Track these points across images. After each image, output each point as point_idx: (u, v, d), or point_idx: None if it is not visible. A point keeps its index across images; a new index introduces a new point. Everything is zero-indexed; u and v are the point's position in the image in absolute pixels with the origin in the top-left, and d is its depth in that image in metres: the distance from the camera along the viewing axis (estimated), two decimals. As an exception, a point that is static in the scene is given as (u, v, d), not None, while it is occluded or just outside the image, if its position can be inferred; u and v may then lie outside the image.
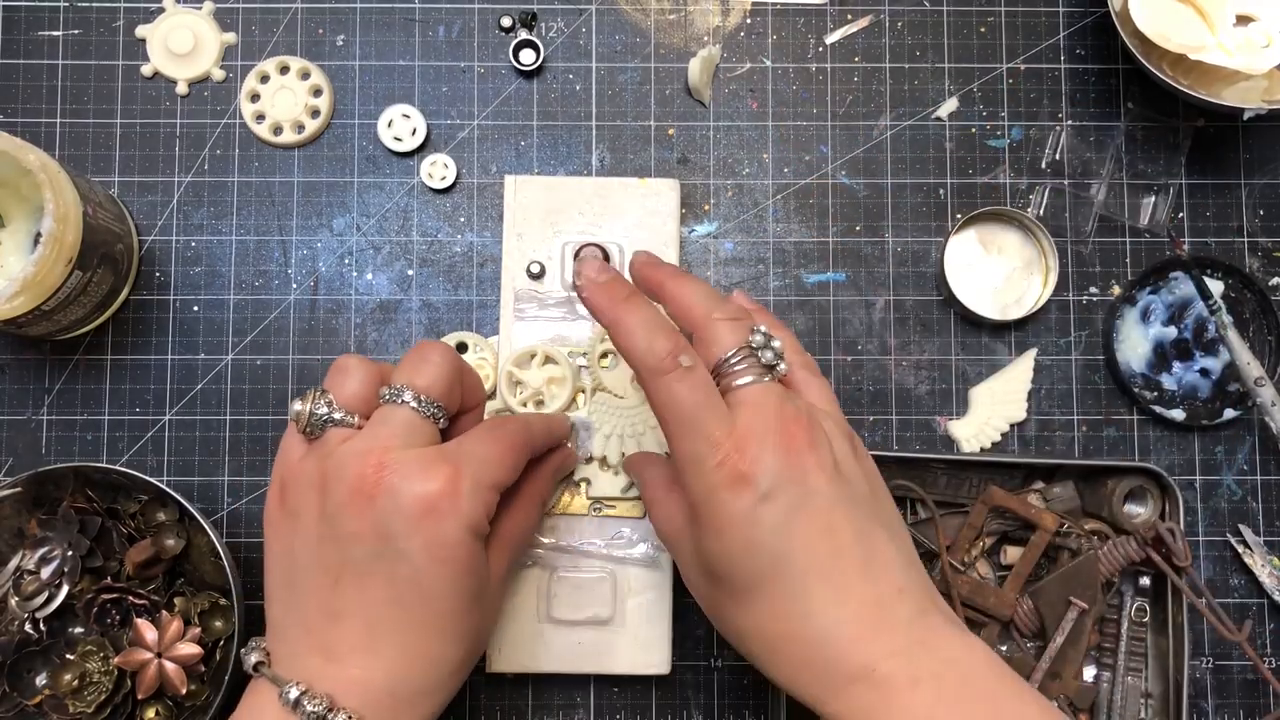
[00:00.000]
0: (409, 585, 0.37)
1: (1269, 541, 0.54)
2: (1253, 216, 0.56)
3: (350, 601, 0.37)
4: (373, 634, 0.37)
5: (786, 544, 0.36)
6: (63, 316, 0.49)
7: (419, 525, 0.37)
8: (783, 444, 0.37)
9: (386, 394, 0.40)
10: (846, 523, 0.37)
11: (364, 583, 0.37)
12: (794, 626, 0.37)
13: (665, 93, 0.56)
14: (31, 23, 0.55)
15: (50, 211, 0.45)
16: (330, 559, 0.38)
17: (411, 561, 0.37)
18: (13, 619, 0.49)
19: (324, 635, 0.38)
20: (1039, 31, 0.56)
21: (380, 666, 0.37)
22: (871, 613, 0.36)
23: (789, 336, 0.42)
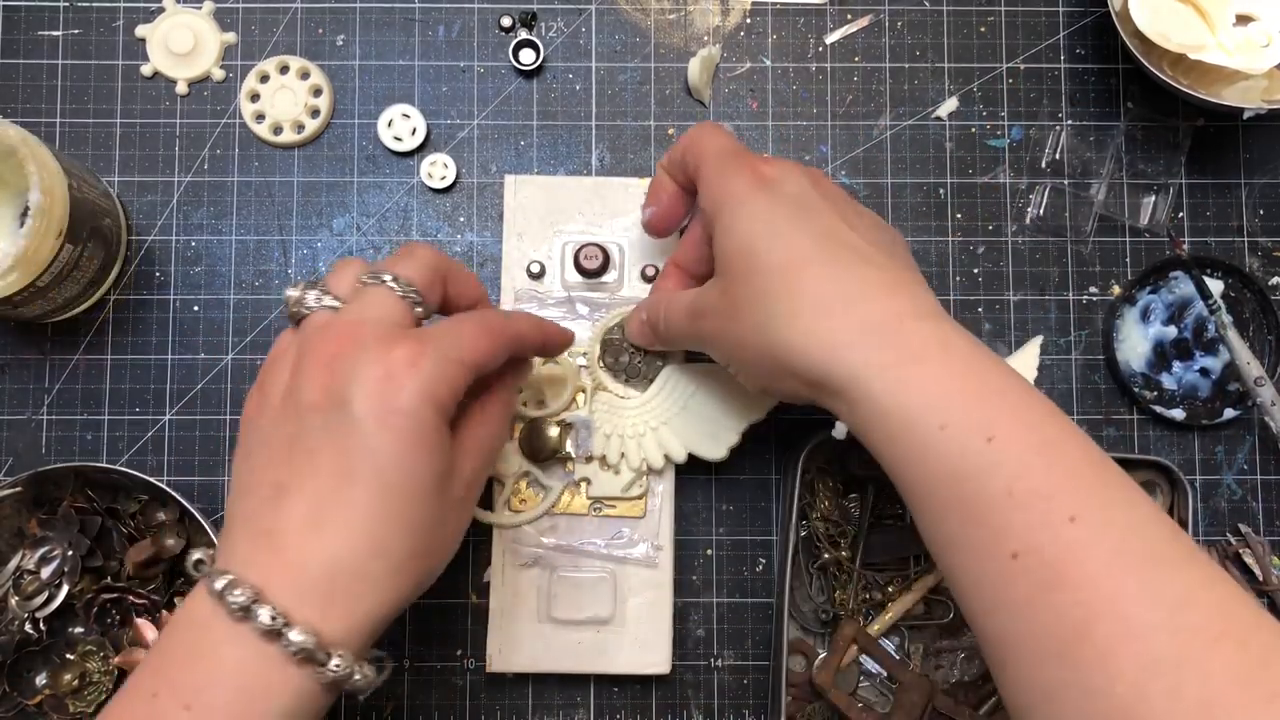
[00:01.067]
0: (360, 455, 0.35)
1: (1269, 541, 0.54)
2: (1253, 216, 0.56)
3: (298, 475, 0.35)
4: (318, 510, 0.35)
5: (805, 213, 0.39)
6: (57, 294, 0.49)
7: (374, 390, 0.35)
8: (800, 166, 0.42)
9: (365, 278, 0.38)
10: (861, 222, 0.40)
11: (314, 455, 0.35)
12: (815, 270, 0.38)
13: (665, 93, 0.56)
14: (31, 22, 0.55)
15: (36, 184, 0.45)
16: (288, 432, 0.36)
17: (363, 427, 0.35)
18: (13, 619, 0.49)
19: (269, 516, 0.35)
20: (1039, 31, 0.56)
21: (320, 548, 0.34)
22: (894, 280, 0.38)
23: None
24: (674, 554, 0.51)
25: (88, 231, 0.49)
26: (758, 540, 0.54)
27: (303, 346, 0.37)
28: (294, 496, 0.35)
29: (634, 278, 0.51)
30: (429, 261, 0.40)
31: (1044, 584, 0.32)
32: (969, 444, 0.34)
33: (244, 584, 0.34)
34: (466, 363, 0.37)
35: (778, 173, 0.40)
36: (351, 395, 0.35)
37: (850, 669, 0.51)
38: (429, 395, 0.35)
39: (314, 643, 0.34)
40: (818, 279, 0.38)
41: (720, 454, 0.49)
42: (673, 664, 0.50)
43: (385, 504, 0.35)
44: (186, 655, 0.34)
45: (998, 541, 0.33)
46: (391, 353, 0.35)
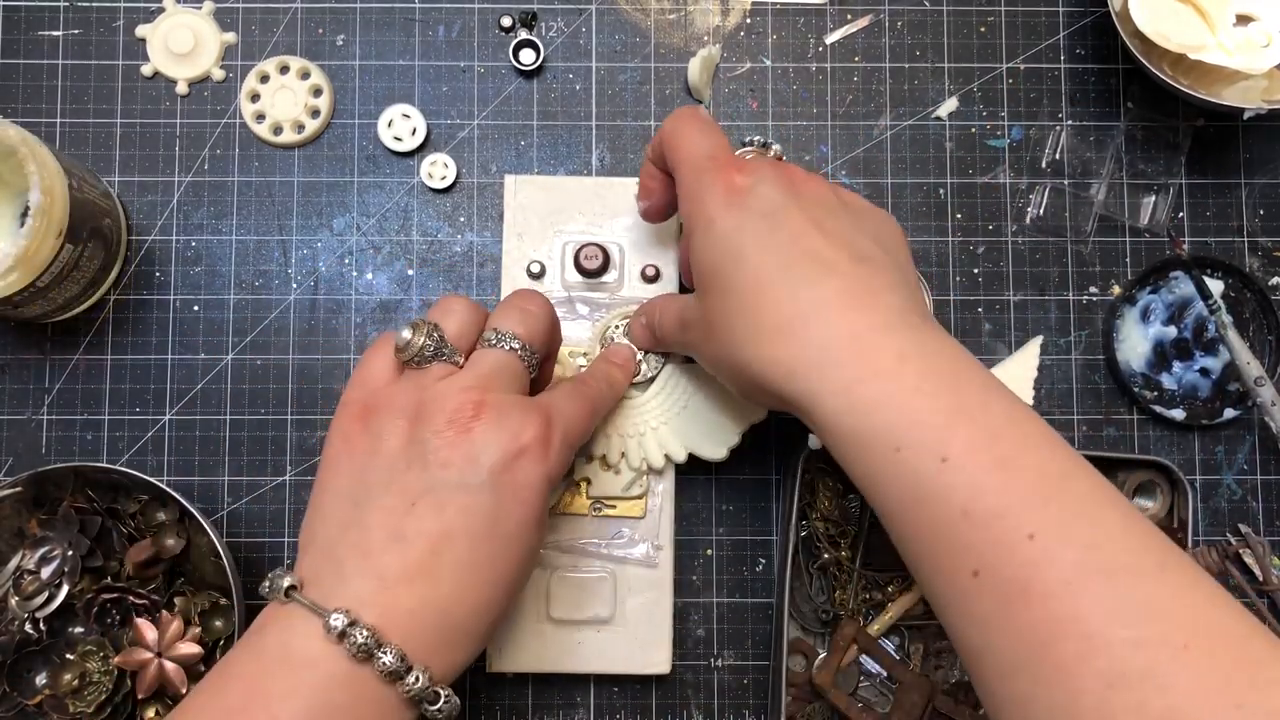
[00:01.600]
0: (486, 520, 0.37)
1: (1269, 541, 0.54)
2: (1253, 216, 0.56)
3: (422, 526, 0.36)
4: (436, 562, 0.36)
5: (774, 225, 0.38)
6: (57, 294, 0.49)
7: (510, 464, 0.37)
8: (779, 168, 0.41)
9: (493, 337, 0.41)
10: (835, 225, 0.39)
11: (442, 510, 0.37)
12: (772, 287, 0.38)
13: (665, 93, 0.56)
14: (31, 23, 0.55)
15: (36, 184, 0.45)
16: (411, 483, 0.37)
17: (496, 496, 0.37)
18: (13, 619, 0.49)
19: (383, 558, 0.36)
20: (1039, 31, 0.56)
21: (434, 599, 0.36)
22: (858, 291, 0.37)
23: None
24: (674, 554, 0.51)
25: (88, 231, 0.49)
26: (758, 540, 0.54)
27: (430, 402, 0.39)
28: (415, 545, 0.36)
29: (634, 278, 0.51)
30: (543, 319, 0.42)
31: (1006, 600, 0.32)
32: (923, 466, 0.34)
33: (364, 625, 0.35)
34: (577, 444, 0.41)
35: (751, 181, 0.40)
36: (486, 464, 0.37)
37: (850, 669, 0.51)
38: (552, 477, 0.39)
39: (428, 687, 0.36)
40: (776, 301, 0.37)
41: (720, 454, 0.49)
42: (673, 664, 0.50)
43: (500, 568, 0.38)
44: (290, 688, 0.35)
45: (959, 560, 0.33)
46: (525, 431, 0.38)
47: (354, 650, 0.34)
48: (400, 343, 0.40)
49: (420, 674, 0.35)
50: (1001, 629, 0.32)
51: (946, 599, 0.34)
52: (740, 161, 0.41)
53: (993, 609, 0.33)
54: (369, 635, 0.34)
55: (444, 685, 0.37)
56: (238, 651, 0.36)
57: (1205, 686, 0.30)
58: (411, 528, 0.37)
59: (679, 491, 0.52)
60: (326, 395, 0.54)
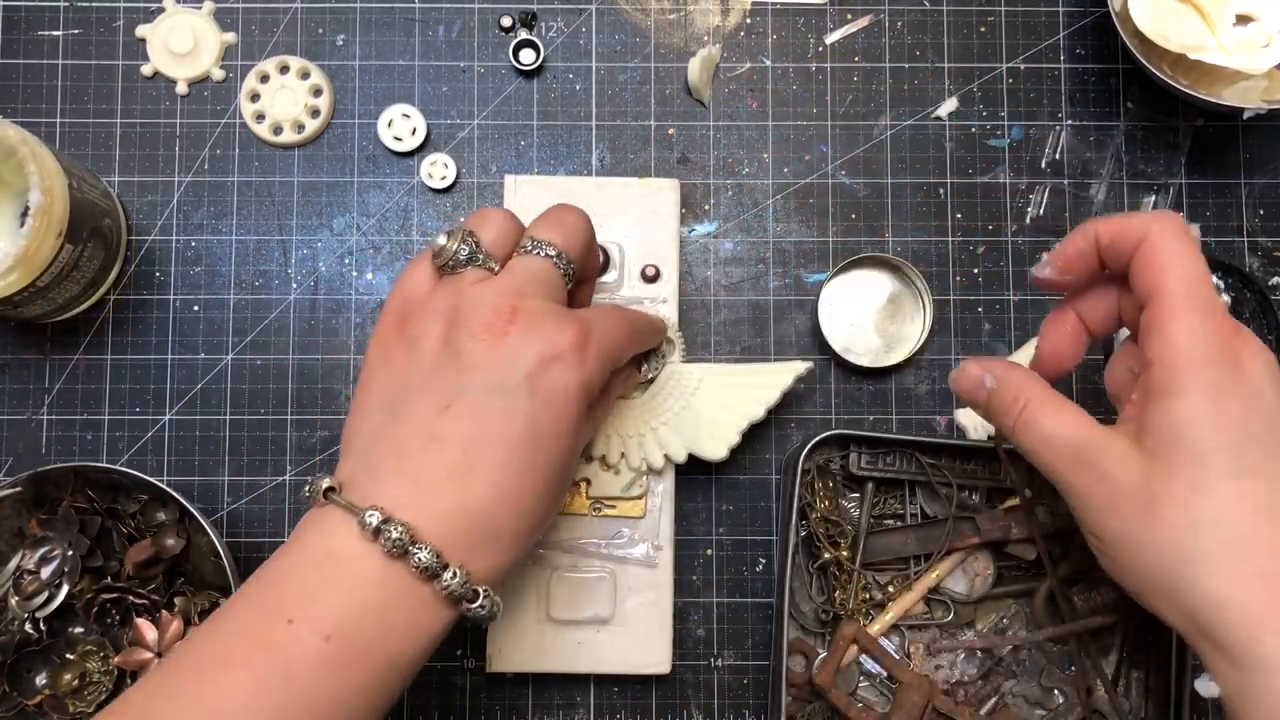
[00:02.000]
0: (521, 421, 0.37)
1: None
2: (1253, 216, 0.56)
3: (457, 428, 0.37)
4: (470, 464, 0.36)
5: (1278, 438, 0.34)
6: (57, 294, 0.49)
7: (545, 368, 0.37)
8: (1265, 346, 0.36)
9: (529, 245, 0.41)
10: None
11: (476, 412, 0.37)
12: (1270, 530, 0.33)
13: (665, 93, 0.56)
14: (31, 23, 0.55)
15: (36, 184, 0.45)
16: (446, 386, 0.37)
17: (531, 400, 0.37)
18: (13, 619, 0.49)
19: (418, 460, 0.36)
20: (1039, 31, 0.56)
21: (469, 500, 0.36)
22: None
23: None
24: (674, 554, 0.51)
25: (88, 231, 0.49)
26: (758, 540, 0.54)
27: (465, 306, 0.39)
28: (449, 448, 0.37)
29: (634, 277, 0.51)
30: (581, 231, 0.42)
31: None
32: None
33: (398, 522, 0.35)
34: (614, 359, 0.41)
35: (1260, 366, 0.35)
36: (521, 369, 0.37)
37: (850, 669, 0.51)
38: (588, 384, 0.39)
39: (466, 584, 0.36)
40: (1270, 548, 0.33)
41: (720, 454, 0.49)
42: (673, 664, 0.50)
43: (537, 471, 0.37)
44: (326, 584, 0.35)
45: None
46: (560, 337, 0.38)
47: (389, 547, 0.35)
48: (436, 248, 0.40)
49: (456, 571, 0.35)
50: None
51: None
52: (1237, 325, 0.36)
53: None
54: (403, 531, 0.35)
55: (483, 585, 0.37)
56: (275, 556, 0.37)
57: None
58: (446, 429, 0.37)
59: (679, 491, 0.52)
60: (326, 395, 0.54)
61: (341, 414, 0.54)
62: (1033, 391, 0.39)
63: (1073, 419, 0.37)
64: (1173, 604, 0.35)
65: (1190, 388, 0.34)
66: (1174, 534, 0.34)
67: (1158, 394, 0.35)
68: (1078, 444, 0.37)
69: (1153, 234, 0.36)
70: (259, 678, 0.33)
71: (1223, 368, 0.34)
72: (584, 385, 0.38)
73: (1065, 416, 0.38)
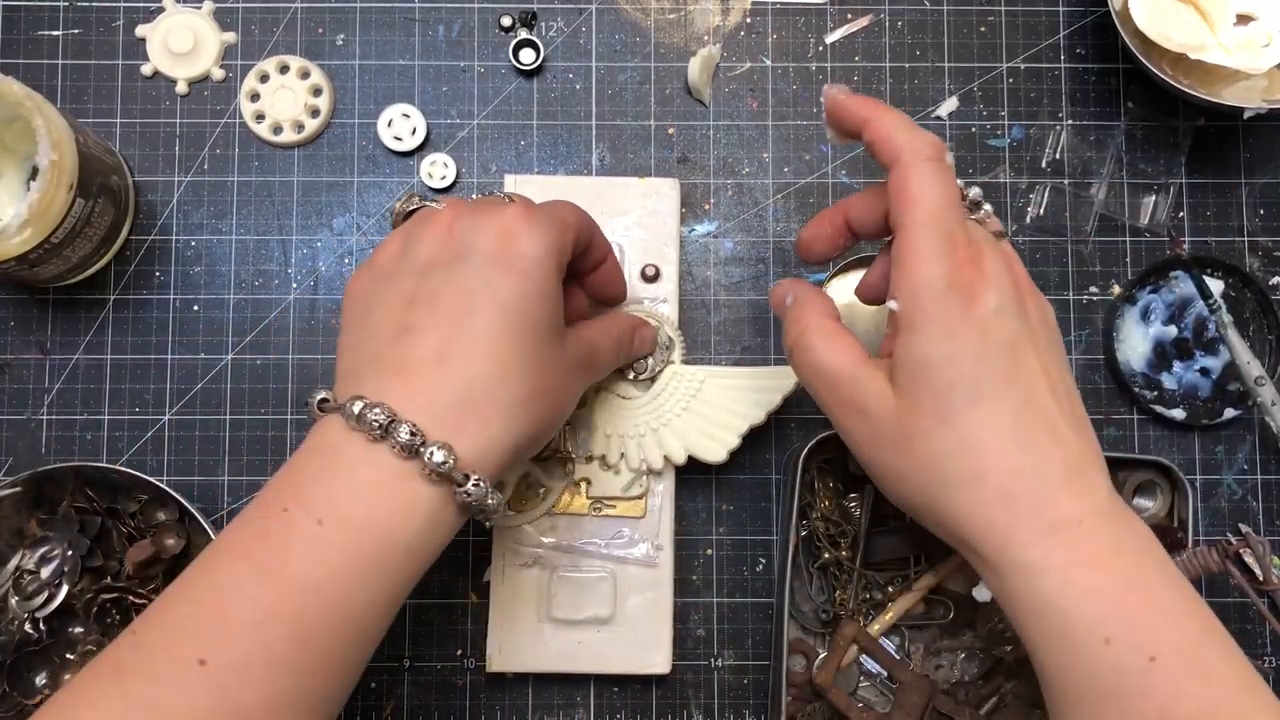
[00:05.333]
0: (484, 293, 0.37)
1: (1269, 541, 0.54)
2: (1253, 216, 0.56)
3: (424, 315, 0.37)
4: (445, 344, 0.37)
5: (1012, 363, 0.36)
6: (71, 252, 0.49)
7: (494, 241, 0.38)
8: (1012, 272, 0.38)
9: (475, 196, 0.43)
10: (1057, 370, 0.38)
11: (438, 296, 0.38)
12: (1009, 453, 0.36)
13: (665, 92, 0.56)
14: (31, 22, 0.55)
15: (45, 137, 0.45)
16: (406, 286, 0.38)
17: (489, 272, 0.37)
18: (13, 619, 0.49)
19: (394, 352, 0.37)
20: (1039, 31, 0.56)
21: (450, 375, 0.37)
22: (1078, 466, 0.36)
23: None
24: (674, 554, 0.51)
25: (97, 187, 0.49)
26: (758, 540, 0.54)
27: (411, 225, 0.40)
28: (420, 334, 0.37)
29: (634, 278, 0.51)
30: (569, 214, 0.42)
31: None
32: (1131, 662, 0.34)
33: (380, 405, 0.35)
34: (570, 225, 0.41)
35: (994, 293, 0.36)
36: (471, 247, 0.38)
37: (850, 669, 0.51)
38: (545, 244, 0.38)
39: (451, 460, 0.35)
40: (1011, 466, 0.36)
41: (720, 456, 0.49)
42: (673, 664, 0.50)
43: (509, 335, 0.37)
44: (319, 473, 0.36)
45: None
46: (503, 215, 0.39)
47: (370, 431, 0.35)
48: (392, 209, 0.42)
49: (436, 449, 0.35)
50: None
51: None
52: (977, 254, 0.37)
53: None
54: (382, 413, 0.35)
55: (475, 471, 0.36)
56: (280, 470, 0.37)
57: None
58: (414, 319, 0.37)
59: (679, 491, 0.52)
60: (326, 395, 0.54)
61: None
62: (815, 320, 0.40)
63: (843, 353, 0.39)
64: (937, 524, 0.38)
65: (925, 324, 0.36)
66: (925, 464, 0.37)
67: (901, 330, 0.37)
68: (843, 378, 0.39)
69: (901, 163, 0.37)
70: (258, 563, 0.34)
71: (957, 301, 0.36)
72: (540, 244, 0.38)
73: (836, 350, 0.39)
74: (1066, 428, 0.37)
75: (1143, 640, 0.34)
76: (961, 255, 0.37)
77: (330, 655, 0.35)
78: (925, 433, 0.36)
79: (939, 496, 0.37)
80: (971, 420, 0.36)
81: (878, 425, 0.38)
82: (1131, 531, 0.36)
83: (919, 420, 0.37)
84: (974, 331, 0.36)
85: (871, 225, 0.42)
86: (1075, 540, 0.35)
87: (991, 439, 0.36)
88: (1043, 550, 0.35)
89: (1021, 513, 0.36)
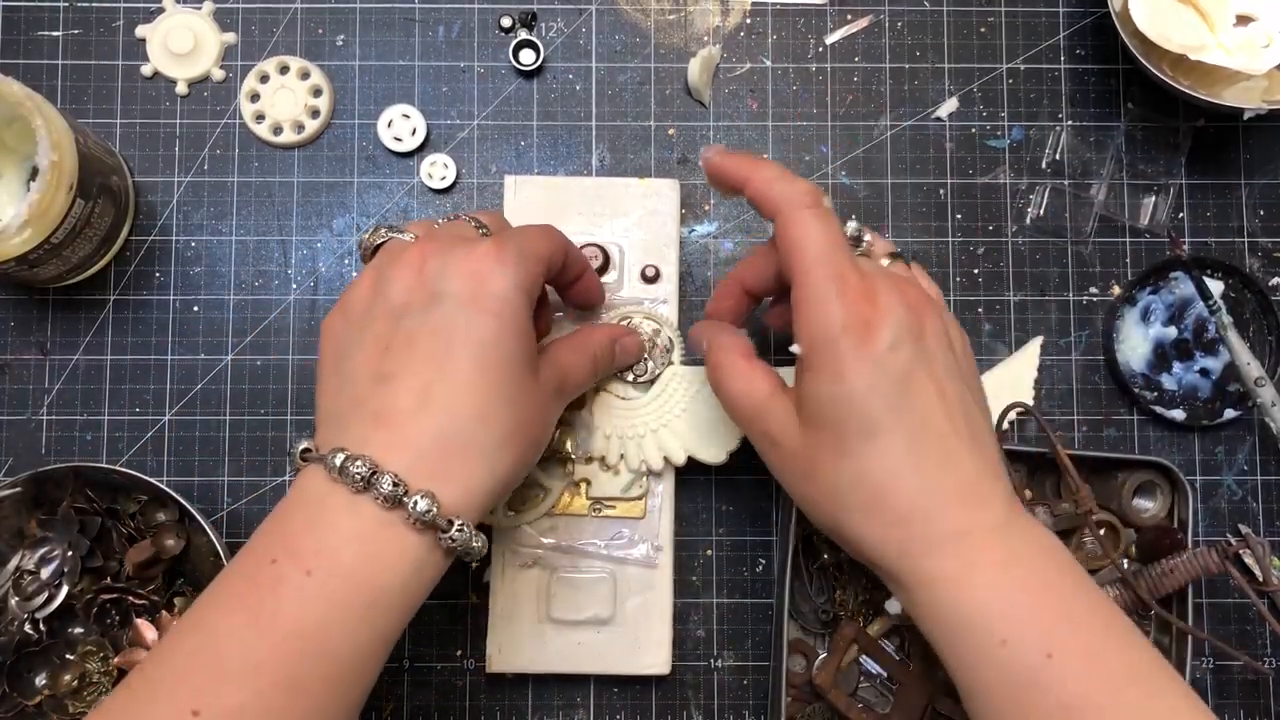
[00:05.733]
0: (459, 336, 0.38)
1: (1269, 541, 0.54)
2: (1253, 216, 0.56)
3: (401, 361, 0.38)
4: (424, 389, 0.37)
5: (905, 395, 0.38)
6: (71, 252, 0.50)
7: (466, 281, 0.38)
8: (906, 301, 0.39)
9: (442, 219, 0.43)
10: (955, 393, 0.39)
11: (413, 342, 0.38)
12: (900, 481, 0.38)
13: (665, 93, 0.56)
14: (31, 23, 0.55)
15: (44, 138, 0.45)
16: (380, 330, 0.39)
17: (461, 313, 0.38)
18: (13, 619, 0.49)
19: (375, 401, 0.37)
20: (1039, 31, 0.56)
21: (431, 422, 0.37)
22: (972, 484, 0.38)
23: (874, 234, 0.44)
24: (674, 554, 0.51)
25: (97, 187, 0.49)
26: (758, 540, 0.54)
27: (382, 263, 0.40)
28: (398, 381, 0.37)
29: (634, 278, 0.51)
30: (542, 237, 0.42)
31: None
32: (1028, 660, 0.36)
33: (362, 458, 0.36)
34: (541, 257, 0.41)
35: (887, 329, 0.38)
36: (443, 288, 0.38)
37: (850, 669, 0.51)
38: (515, 282, 0.39)
39: (434, 508, 0.36)
40: (903, 492, 0.38)
41: (720, 458, 0.49)
42: (673, 664, 0.50)
43: (485, 377, 0.38)
44: (306, 525, 0.36)
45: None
46: (473, 252, 0.39)
47: (353, 482, 0.36)
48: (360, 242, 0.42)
49: (420, 499, 0.36)
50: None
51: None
52: (870, 289, 0.38)
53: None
54: (364, 465, 0.36)
55: (459, 515, 0.37)
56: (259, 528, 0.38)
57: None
58: (391, 367, 0.38)
59: (679, 492, 0.52)
60: (326, 395, 0.54)
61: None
62: (728, 359, 0.42)
63: (755, 384, 0.41)
64: (844, 543, 0.40)
65: (821, 365, 0.38)
66: (829, 493, 0.39)
67: (802, 370, 0.39)
68: (754, 409, 0.41)
69: (782, 214, 0.40)
70: (249, 614, 0.35)
71: (851, 340, 0.37)
72: (511, 282, 0.38)
73: (749, 382, 0.41)
74: (961, 447, 0.38)
75: (1038, 640, 0.36)
76: (853, 293, 0.38)
77: (324, 700, 0.35)
78: (826, 465, 0.39)
79: (843, 521, 0.39)
80: (866, 453, 0.38)
81: (785, 455, 0.40)
82: (1027, 539, 0.38)
83: (820, 453, 0.39)
84: (868, 368, 0.37)
85: (765, 285, 0.45)
86: (966, 551, 0.37)
87: (886, 469, 0.38)
88: (935, 562, 0.37)
89: (915, 531, 0.38)
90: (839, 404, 0.38)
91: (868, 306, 0.38)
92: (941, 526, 0.37)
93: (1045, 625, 0.36)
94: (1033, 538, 0.38)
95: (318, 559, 0.35)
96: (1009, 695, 0.36)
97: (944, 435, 0.38)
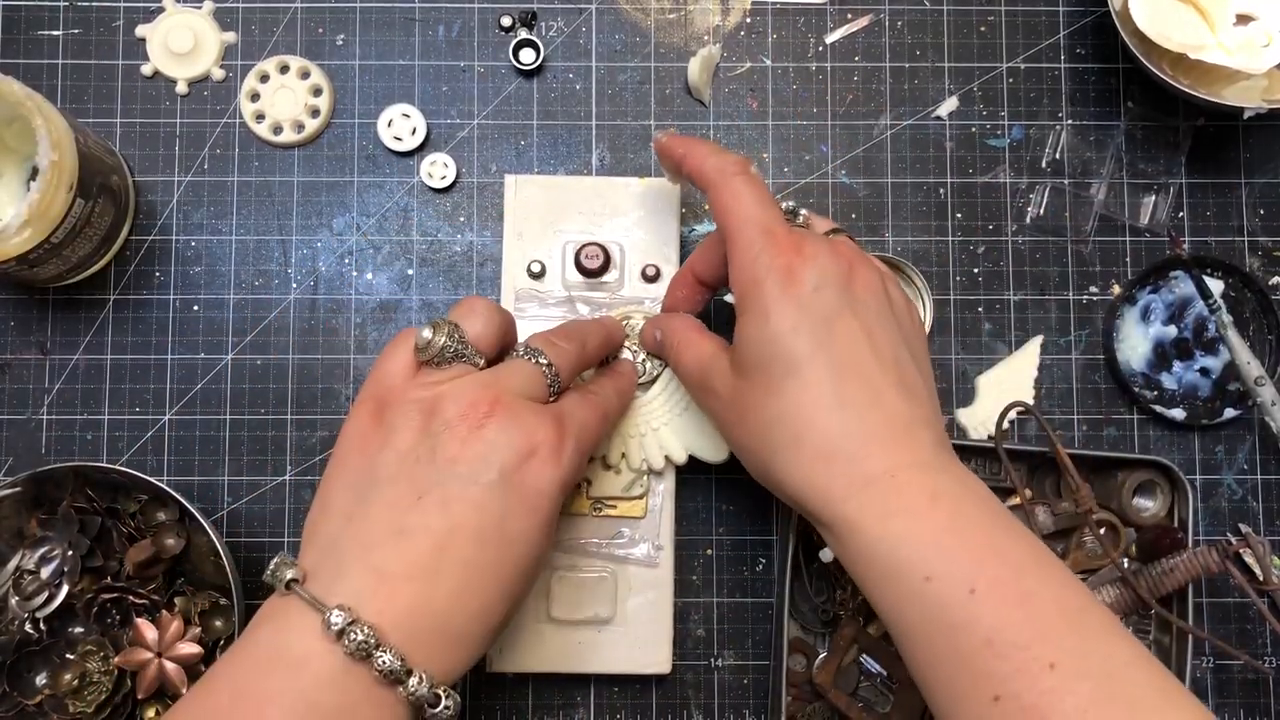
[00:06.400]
0: (493, 520, 0.36)
1: (1269, 541, 0.54)
2: (1253, 216, 0.56)
3: (426, 521, 0.36)
4: (438, 560, 0.35)
5: (830, 334, 0.38)
6: (71, 252, 0.49)
7: (521, 465, 0.37)
8: (834, 251, 0.40)
9: (522, 350, 0.42)
10: (887, 341, 0.40)
11: (447, 506, 0.36)
12: (823, 416, 0.38)
13: (665, 92, 0.56)
14: (31, 22, 0.55)
15: (45, 137, 0.45)
16: (418, 477, 0.37)
17: (505, 497, 0.37)
18: (13, 619, 0.49)
19: (385, 553, 0.35)
20: (1039, 31, 0.56)
21: (434, 598, 0.35)
22: (900, 425, 0.38)
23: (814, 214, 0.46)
24: (674, 554, 0.51)
25: (97, 187, 0.49)
26: (758, 540, 0.54)
27: (443, 398, 0.38)
28: (418, 542, 0.36)
29: (634, 277, 0.51)
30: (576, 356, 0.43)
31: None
32: (952, 596, 0.35)
33: (363, 624, 0.34)
34: (588, 452, 0.42)
35: (812, 271, 0.39)
36: (496, 463, 0.37)
37: (850, 669, 0.51)
38: (565, 482, 0.39)
39: (430, 690, 0.35)
40: (825, 428, 0.38)
41: (720, 456, 0.49)
42: (673, 664, 0.50)
43: (501, 571, 0.37)
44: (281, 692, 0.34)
45: (979, 686, 0.35)
46: (538, 433, 0.38)
47: (351, 649, 0.33)
48: (421, 342, 0.39)
49: (422, 676, 0.34)
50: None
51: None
52: (798, 240, 0.40)
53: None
54: (368, 634, 0.34)
55: (444, 687, 0.36)
56: (233, 650, 0.36)
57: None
58: (415, 522, 0.36)
59: (679, 491, 0.52)
60: (326, 395, 0.54)
61: (341, 414, 0.54)
62: (681, 336, 0.45)
63: (700, 349, 0.44)
64: (773, 486, 0.41)
65: (749, 307, 0.40)
66: (757, 433, 0.40)
67: (737, 318, 0.41)
68: (701, 371, 0.43)
69: (714, 184, 0.42)
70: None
71: (775, 283, 0.39)
72: (560, 483, 0.38)
73: (697, 349, 0.44)
74: (890, 390, 0.39)
75: (961, 575, 0.36)
76: (782, 243, 0.40)
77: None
78: (755, 405, 0.40)
79: (769, 461, 0.40)
80: (790, 389, 0.39)
81: (722, 403, 0.42)
82: (951, 479, 0.38)
83: (751, 394, 0.40)
84: (791, 308, 0.39)
85: (716, 272, 0.46)
86: (889, 491, 0.37)
87: (808, 405, 0.38)
88: (858, 503, 0.37)
89: (837, 470, 0.38)
90: (764, 344, 0.39)
91: (794, 254, 0.40)
92: (866, 466, 0.38)
93: (969, 562, 0.36)
94: (957, 478, 0.38)
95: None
96: (935, 632, 0.36)
97: (870, 376, 0.39)
